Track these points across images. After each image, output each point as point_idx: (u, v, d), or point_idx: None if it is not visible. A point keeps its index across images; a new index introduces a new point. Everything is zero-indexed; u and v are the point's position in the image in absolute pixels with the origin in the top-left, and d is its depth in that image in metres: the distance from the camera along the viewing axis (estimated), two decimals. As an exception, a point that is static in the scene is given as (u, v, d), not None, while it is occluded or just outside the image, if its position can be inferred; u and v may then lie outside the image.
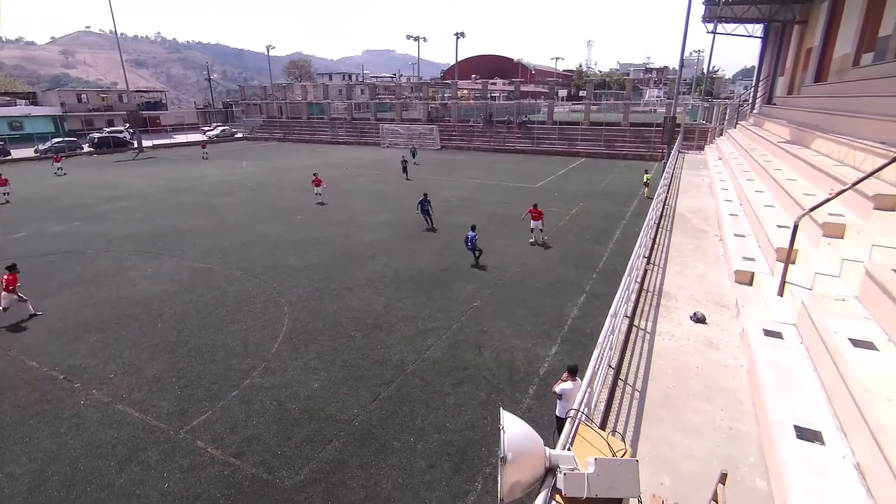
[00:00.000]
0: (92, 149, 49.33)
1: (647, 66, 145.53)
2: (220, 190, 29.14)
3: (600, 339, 5.47)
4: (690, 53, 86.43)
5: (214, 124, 71.46)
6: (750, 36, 31.32)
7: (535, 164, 39.22)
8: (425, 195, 20.18)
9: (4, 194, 25.52)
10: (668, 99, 47.46)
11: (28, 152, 46.03)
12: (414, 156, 41.20)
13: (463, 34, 67.61)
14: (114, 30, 46.76)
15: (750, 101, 34.30)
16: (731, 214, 12.84)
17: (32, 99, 64.35)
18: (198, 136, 62.48)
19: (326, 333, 11.28)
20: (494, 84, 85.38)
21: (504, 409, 3.13)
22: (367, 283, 14.22)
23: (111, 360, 10.27)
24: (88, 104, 65.45)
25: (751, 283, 8.69)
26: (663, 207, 15.67)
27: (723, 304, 8.46)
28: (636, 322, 7.85)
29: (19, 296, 12.32)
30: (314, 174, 26.32)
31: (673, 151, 28.32)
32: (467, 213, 22.58)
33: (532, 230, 17.83)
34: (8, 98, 62.02)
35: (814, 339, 5.66)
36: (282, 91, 72.52)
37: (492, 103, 59.31)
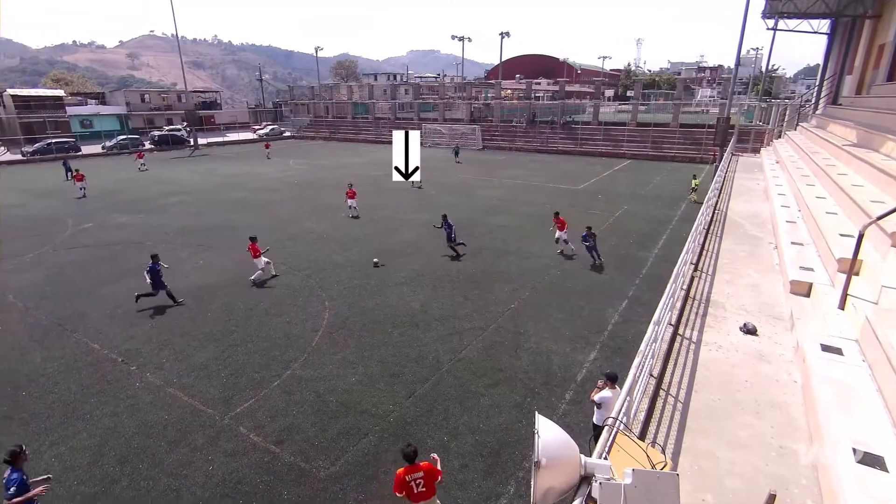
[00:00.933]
0: (152, 146, 52.27)
1: (700, 65, 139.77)
2: (268, 186, 30.21)
3: (642, 347, 5.30)
4: (748, 51, 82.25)
5: (264, 123, 74.14)
6: (815, 32, 29.51)
7: (578, 166, 38.47)
8: (445, 217, 16.99)
9: (81, 189, 27.35)
10: (721, 99, 45.42)
11: (96, 149, 49.27)
12: (457, 154, 41.99)
13: (508, 34, 67.11)
14: (175, 33, 49.37)
15: (813, 101, 32.32)
16: (788, 221, 12.14)
17: (101, 99, 68.83)
18: (249, 135, 65.05)
19: (365, 329, 11.48)
20: (539, 84, 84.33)
21: (539, 413, 3.09)
22: (406, 281, 14.37)
23: (164, 347, 10.85)
24: (150, 103, 69.36)
25: (808, 295, 8.19)
26: (714, 212, 15.02)
27: (776, 316, 8.02)
28: (681, 331, 7.56)
29: (265, 261, 14.49)
30: (349, 185, 23.99)
31: (726, 154, 27.10)
32: (507, 214, 22.44)
33: (557, 240, 16.81)
34: (80, 98, 66.60)
35: (878, 357, 5.27)
36: (328, 91, 74.41)
37: (535, 103, 58.61)
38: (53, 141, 47.11)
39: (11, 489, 5.33)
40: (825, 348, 5.95)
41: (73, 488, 7.06)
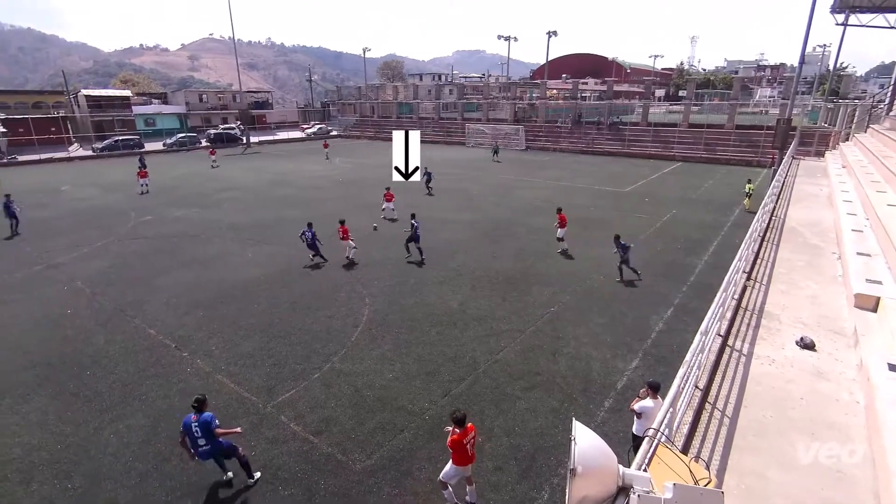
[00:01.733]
0: (208, 143, 54.94)
1: (760, 64, 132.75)
2: (315, 184, 31.10)
3: (687, 357, 5.10)
4: (814, 48, 77.29)
5: (312, 122, 76.33)
6: (892, 27, 27.39)
7: (625, 168, 37.46)
8: (413, 216, 16.94)
9: (144, 185, 28.89)
10: (783, 99, 42.98)
11: (158, 146, 52.28)
12: (496, 153, 42.29)
13: (555, 33, 66.10)
14: (232, 36, 51.66)
15: (887, 101, 30.03)
16: (854, 230, 11.35)
17: (163, 99, 72.98)
18: (298, 133, 67.19)
19: (403, 326, 11.63)
20: (586, 83, 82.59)
21: (577, 419, 3.04)
22: (445, 280, 14.44)
23: (214, 335, 11.38)
24: (207, 103, 72.93)
25: (875, 309, 7.63)
26: (770, 218, 14.24)
27: (837, 331, 7.51)
28: (730, 342, 7.22)
29: (350, 243, 16.13)
30: (386, 188, 22.97)
31: (785, 157, 25.63)
32: (549, 215, 22.04)
33: (560, 239, 16.98)
34: (145, 98, 70.89)
35: (954, 381, 4.84)
36: (374, 91, 75.78)
37: (581, 103, 57.45)
38: (120, 138, 50.39)
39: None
40: (893, 367, 5.53)
41: (128, 464, 7.53)
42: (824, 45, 73.30)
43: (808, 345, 7.04)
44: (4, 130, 47.11)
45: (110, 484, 7.16)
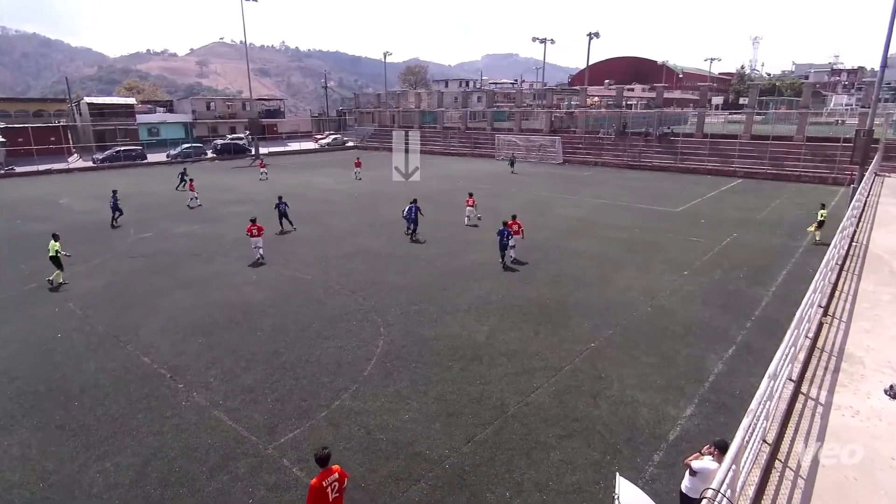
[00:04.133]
0: (215, 154, 56.88)
1: (834, 67, 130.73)
2: (328, 198, 31.71)
3: (753, 405, 4.90)
4: (898, 50, 75.73)
5: (327, 132, 78.42)
6: None
7: (678, 185, 37.04)
8: (415, 201, 22.24)
9: (194, 199, 29.79)
10: (862, 107, 42.02)
11: (162, 157, 54.40)
12: (512, 165, 43.83)
13: (597, 34, 66.67)
14: (244, 40, 53.93)
15: None
16: (952, 259, 10.86)
17: (169, 107, 76.30)
18: (311, 144, 68.96)
19: (422, 360, 11.58)
20: (632, 90, 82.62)
21: (621, 475, 2.94)
22: (470, 309, 14.38)
23: (212, 365, 11.55)
24: (215, 111, 75.85)
25: (981, 354, 7.22)
26: (850, 244, 13.79)
27: (935, 379, 7.13)
28: (804, 389, 6.93)
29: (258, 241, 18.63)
30: (469, 194, 25.30)
31: (867, 174, 24.91)
32: (589, 237, 21.95)
33: (511, 247, 18.36)
34: (150, 106, 74.25)
35: None
36: (395, 99, 77.47)
37: (627, 112, 57.44)
38: (121, 149, 52.69)
39: None
40: None
41: (114, 507, 7.60)
42: (910, 46, 71.78)
43: (899, 394, 6.69)
44: (3, 140, 49.84)
45: (93, 529, 7.23)
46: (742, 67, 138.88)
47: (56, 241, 16.56)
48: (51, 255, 16.42)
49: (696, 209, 28.31)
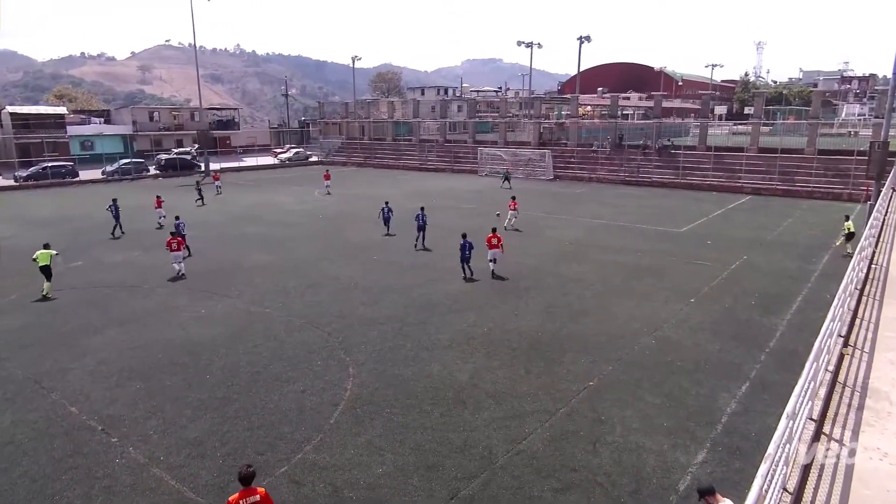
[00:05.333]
0: (158, 171, 56.31)
1: (844, 74, 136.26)
2: (288, 220, 31.55)
3: (771, 449, 4.93)
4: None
5: (288, 146, 78.50)
6: None
7: (680, 202, 37.81)
8: (422, 209, 25.58)
9: (162, 217, 29.99)
10: (875, 117, 43.75)
11: (97, 174, 53.60)
12: (507, 180, 45.26)
13: (588, 38, 68.68)
14: (193, 42, 54.19)
15: None
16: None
17: (106, 117, 75.72)
18: (269, 159, 68.89)
19: (397, 405, 11.44)
20: (627, 99, 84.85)
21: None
22: (452, 345, 14.32)
23: (152, 414, 11.22)
24: (159, 122, 75.43)
25: None
26: (870, 266, 14.15)
27: (968, 415, 7.28)
28: (826, 429, 7.00)
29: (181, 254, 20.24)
30: (512, 197, 29.32)
31: (884, 189, 25.76)
32: (585, 262, 22.16)
33: (490, 261, 20.09)
34: (83, 116, 73.51)
35: None
36: (365, 108, 78.17)
37: (623, 122, 58.81)
38: (50, 165, 51.79)
39: None
40: None
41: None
42: (924, 51, 75.39)
43: (930, 433, 6.80)
44: None
45: None
46: (746, 74, 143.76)
47: (47, 249, 18.50)
48: (42, 265, 18.02)
49: (701, 229, 28.87)
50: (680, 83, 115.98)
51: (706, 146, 48.26)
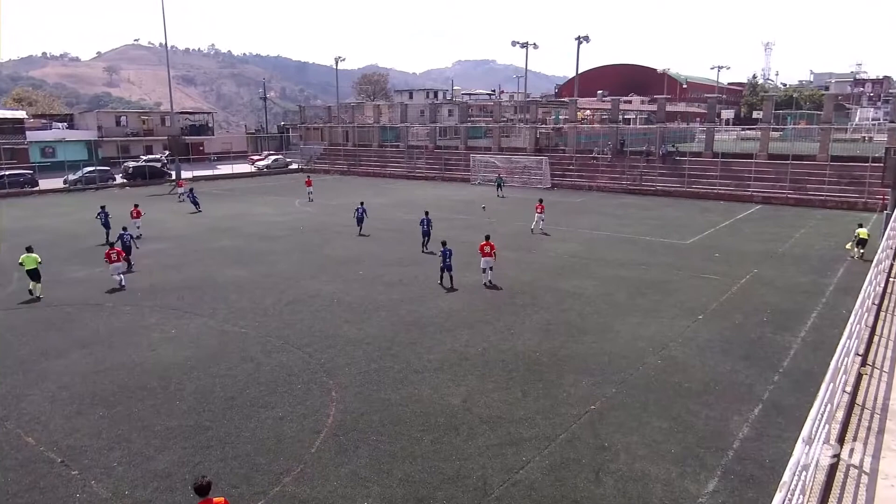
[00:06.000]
0: (125, 180, 56.04)
1: (857, 77, 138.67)
2: (267, 233, 31.47)
3: (786, 477, 4.94)
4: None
5: (266, 153, 78.45)
6: None
7: (685, 212, 38.13)
8: (426, 213, 27.49)
9: (137, 227, 29.56)
10: (891, 122, 44.46)
11: (58, 182, 53.26)
12: (500, 188, 46.53)
13: (587, 38, 69.42)
14: (164, 42, 54.24)
15: None
16: None
17: (69, 122, 75.40)
18: (246, 167, 68.84)
19: (384, 432, 11.37)
20: (629, 102, 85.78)
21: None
22: (443, 367, 14.28)
23: (117, 444, 11.06)
24: (127, 127, 75.21)
25: None
26: (888, 280, 14.31)
27: None
28: (844, 454, 7.03)
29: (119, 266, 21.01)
30: (539, 200, 31.71)
31: (901, 198, 26.09)
32: (585, 277, 22.22)
33: (484, 270, 20.85)
34: (45, 121, 73.17)
35: None
36: (349, 112, 78.46)
37: (625, 128, 59.36)
38: (6, 173, 51.33)
39: None
40: None
41: None
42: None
43: (955, 458, 6.84)
44: None
45: None
46: (754, 77, 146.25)
47: (30, 252, 19.71)
48: (28, 269, 19.35)
49: (708, 241, 29.07)
50: (684, 86, 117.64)
51: (713, 152, 48.77)
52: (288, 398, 12.76)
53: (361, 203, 31.66)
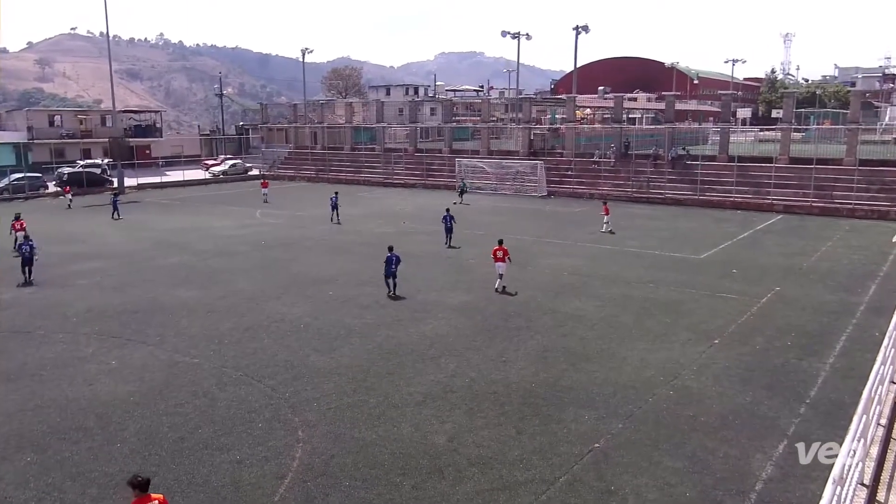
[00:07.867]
0: (59, 188, 55.45)
1: (887, 72, 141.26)
2: (224, 248, 31.26)
3: (816, 523, 4.95)
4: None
5: (222, 157, 78.24)
6: None
7: (699, 222, 38.44)
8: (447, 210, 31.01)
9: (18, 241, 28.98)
10: (924, 122, 45.29)
11: (-21, 192, 52.67)
12: (462, 194, 47.08)
13: (586, 28, 70.26)
14: (105, 31, 54.02)
15: None
16: None
17: (-6, 122, 74.67)
18: (200, 174, 68.51)
19: (358, 476, 11.26)
20: (634, 100, 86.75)
21: None
22: (426, 400, 14.21)
23: (47, 495, 10.83)
24: (62, 128, 74.61)
25: None
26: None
27: None
28: (881, 496, 7.08)
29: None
30: (604, 202, 32.21)
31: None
32: (587, 297, 22.29)
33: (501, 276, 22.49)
34: (-35, 122, 72.47)
35: None
36: (318, 111, 78.61)
37: (629, 128, 59.85)
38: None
39: None
40: None
41: None
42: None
43: None
44: None
45: None
46: (773, 72, 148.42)
47: None
48: None
49: (724, 255, 29.25)
50: (695, 82, 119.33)
51: (728, 156, 49.25)
52: (247, 439, 12.59)
53: (336, 193, 36.45)
